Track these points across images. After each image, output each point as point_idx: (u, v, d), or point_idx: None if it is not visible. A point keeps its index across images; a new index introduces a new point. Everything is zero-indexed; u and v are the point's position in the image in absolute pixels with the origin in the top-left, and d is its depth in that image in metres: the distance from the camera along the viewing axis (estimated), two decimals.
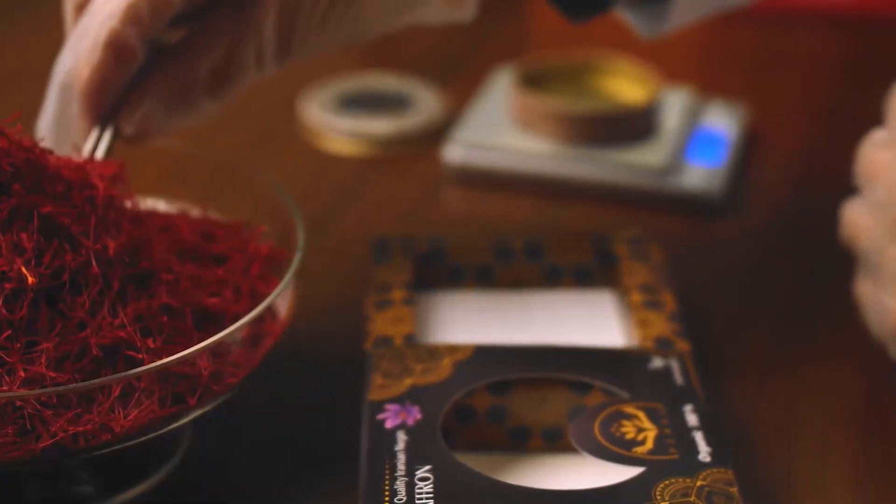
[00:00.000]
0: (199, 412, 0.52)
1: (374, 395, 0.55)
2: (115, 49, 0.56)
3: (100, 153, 0.57)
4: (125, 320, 0.50)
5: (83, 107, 0.58)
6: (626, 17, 0.71)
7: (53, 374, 0.48)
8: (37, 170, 0.51)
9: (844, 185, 0.82)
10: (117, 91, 0.58)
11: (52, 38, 1.02)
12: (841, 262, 0.66)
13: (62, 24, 0.60)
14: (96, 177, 0.53)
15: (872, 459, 0.59)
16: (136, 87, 0.57)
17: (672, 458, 0.51)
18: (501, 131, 0.81)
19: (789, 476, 0.58)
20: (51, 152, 0.53)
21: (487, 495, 0.50)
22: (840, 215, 0.62)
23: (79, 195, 0.52)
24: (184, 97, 0.58)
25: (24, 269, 0.49)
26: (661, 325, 0.60)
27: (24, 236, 0.50)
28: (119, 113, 0.58)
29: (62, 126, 0.60)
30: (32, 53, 0.97)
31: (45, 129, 0.59)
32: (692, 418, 0.54)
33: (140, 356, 0.50)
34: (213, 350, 0.51)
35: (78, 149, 0.57)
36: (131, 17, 0.56)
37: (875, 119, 0.69)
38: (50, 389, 0.48)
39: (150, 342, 0.50)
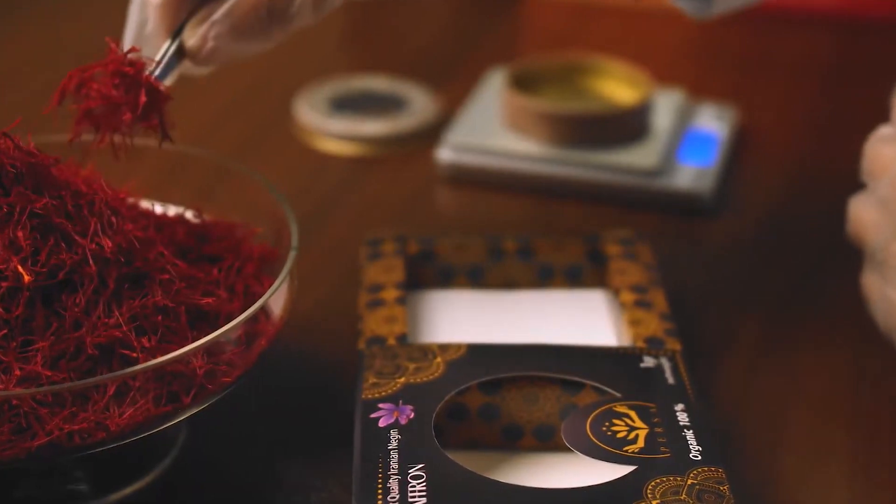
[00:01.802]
0: (193, 411, 0.52)
1: (367, 393, 0.55)
2: None
3: (159, 70, 0.57)
4: (120, 319, 0.50)
5: (157, 22, 0.58)
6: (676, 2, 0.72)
7: (49, 373, 0.49)
8: (39, 174, 0.52)
9: (834, 184, 0.82)
10: (190, 8, 0.57)
11: (51, 38, 1.02)
12: (830, 260, 0.66)
13: (61, 23, 0.60)
14: (96, 182, 0.53)
15: (863, 455, 0.59)
16: (205, 2, 0.57)
17: (663, 456, 0.52)
18: (494, 132, 0.81)
19: (780, 473, 0.58)
20: (56, 160, 0.53)
21: (480, 493, 0.50)
22: (846, 211, 0.63)
23: (77, 197, 0.52)
24: (252, 19, 0.57)
25: (19, 268, 0.49)
26: (653, 325, 0.60)
27: (20, 234, 0.50)
28: (184, 27, 0.57)
29: (141, 43, 0.60)
30: (32, 53, 0.98)
31: (128, 46, 0.59)
32: (683, 417, 0.54)
33: (135, 355, 0.50)
34: (208, 349, 0.51)
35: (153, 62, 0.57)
36: None
37: (864, 119, 0.69)
38: (46, 388, 0.48)
39: (144, 341, 0.51)
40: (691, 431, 0.53)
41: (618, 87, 0.85)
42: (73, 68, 0.55)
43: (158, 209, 0.61)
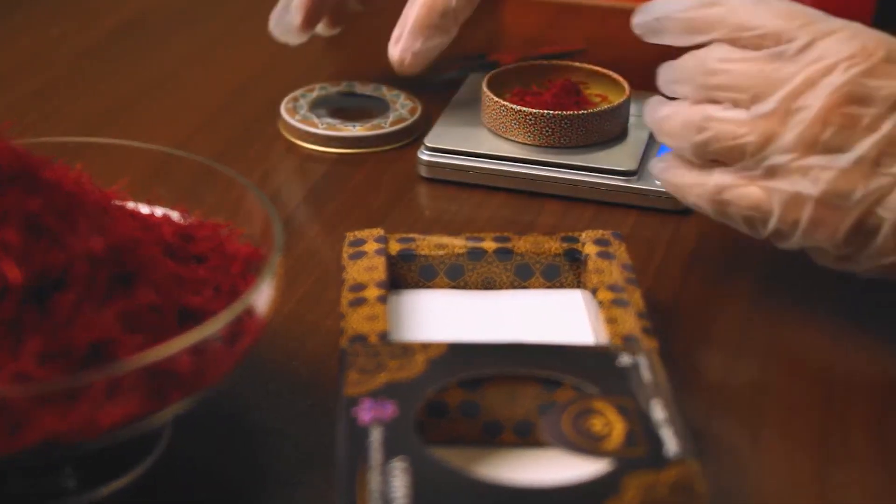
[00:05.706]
0: (181, 408, 0.52)
1: (349, 390, 0.55)
2: None
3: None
4: (110, 318, 0.51)
5: (299, 15, 0.87)
6: None
7: (40, 371, 0.49)
8: (30, 175, 0.52)
9: None
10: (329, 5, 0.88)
11: (51, 38, 1.02)
12: (804, 258, 0.67)
13: (61, 23, 0.61)
14: (85, 183, 0.53)
15: (835, 452, 0.60)
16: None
17: (640, 452, 0.52)
18: (473, 134, 0.82)
19: (755, 469, 0.59)
20: (47, 161, 0.54)
21: (460, 488, 0.50)
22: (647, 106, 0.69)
23: (68, 198, 0.52)
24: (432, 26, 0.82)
25: (11, 268, 0.50)
26: (630, 323, 0.60)
27: (11, 234, 0.50)
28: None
29: (281, 25, 0.88)
30: (31, 53, 0.98)
31: (272, 22, 0.89)
32: (660, 413, 0.54)
33: (125, 354, 0.50)
34: (196, 347, 0.51)
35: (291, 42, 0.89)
36: None
37: None
38: (37, 385, 0.48)
39: (134, 339, 0.51)
40: (667, 427, 0.53)
41: (596, 88, 0.86)
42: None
43: (145, 210, 0.62)
